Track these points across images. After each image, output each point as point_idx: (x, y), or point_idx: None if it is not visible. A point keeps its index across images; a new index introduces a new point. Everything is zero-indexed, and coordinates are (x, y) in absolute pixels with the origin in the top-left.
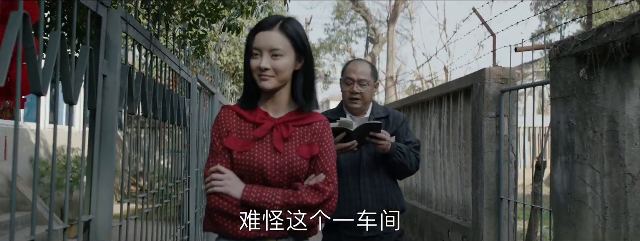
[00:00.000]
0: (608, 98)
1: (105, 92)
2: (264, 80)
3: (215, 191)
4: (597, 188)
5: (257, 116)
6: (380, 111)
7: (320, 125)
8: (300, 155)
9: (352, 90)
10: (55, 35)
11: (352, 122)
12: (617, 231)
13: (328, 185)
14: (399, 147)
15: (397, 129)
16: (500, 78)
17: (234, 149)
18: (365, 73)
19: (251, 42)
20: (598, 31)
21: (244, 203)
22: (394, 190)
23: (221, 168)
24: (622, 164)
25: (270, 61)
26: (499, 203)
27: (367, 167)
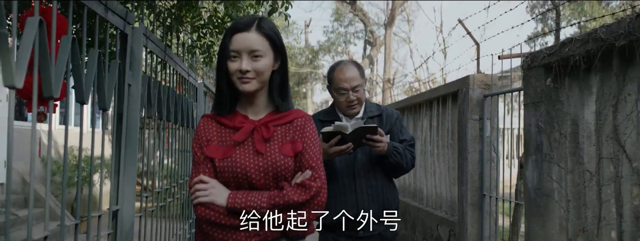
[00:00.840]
0: (571, 104)
1: (130, 99)
2: (244, 82)
3: (200, 201)
4: (561, 184)
5: (236, 120)
6: (373, 109)
7: (301, 120)
8: (283, 154)
9: (348, 99)
10: (93, 53)
11: (347, 126)
12: (578, 221)
13: (314, 181)
14: (394, 147)
15: (391, 127)
16: (483, 84)
17: (215, 157)
18: (355, 79)
19: (227, 44)
20: (561, 45)
21: (230, 210)
22: (390, 190)
23: (204, 178)
24: (582, 162)
25: (250, 62)
26: (481, 199)
27: (362, 168)
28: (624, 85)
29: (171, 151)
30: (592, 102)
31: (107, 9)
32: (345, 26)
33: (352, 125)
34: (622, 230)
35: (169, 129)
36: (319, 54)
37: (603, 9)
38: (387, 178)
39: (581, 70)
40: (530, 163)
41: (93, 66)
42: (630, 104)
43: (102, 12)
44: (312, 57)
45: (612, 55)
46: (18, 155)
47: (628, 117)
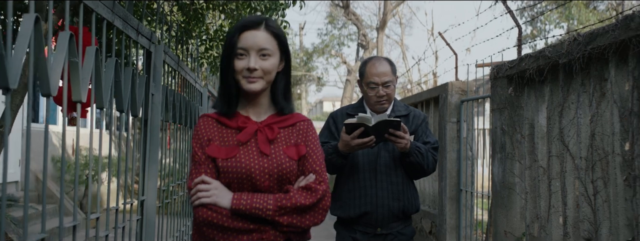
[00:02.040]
0: (528, 110)
1: (153, 106)
2: (251, 82)
3: (203, 202)
4: (521, 178)
5: (239, 120)
6: (401, 108)
7: (304, 124)
8: (288, 157)
9: (378, 94)
10: (128, 70)
11: (371, 118)
12: (534, 210)
13: (319, 184)
14: (417, 146)
15: (417, 128)
16: (461, 90)
17: (218, 157)
18: (387, 74)
19: (235, 41)
20: (520, 60)
21: (235, 211)
22: (410, 189)
23: (206, 178)
24: (537, 159)
25: (258, 61)
26: (459, 194)
27: (384, 164)
28: (567, 95)
29: (180, 152)
30: (544, 109)
31: (138, 33)
32: (338, 29)
33: (376, 117)
34: (566, 216)
35: (174, 130)
36: (313, 56)
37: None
38: (407, 178)
39: (536, 82)
40: (496, 161)
41: (128, 81)
42: (573, 111)
43: (134, 36)
44: (307, 59)
45: (558, 70)
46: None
47: (571, 121)
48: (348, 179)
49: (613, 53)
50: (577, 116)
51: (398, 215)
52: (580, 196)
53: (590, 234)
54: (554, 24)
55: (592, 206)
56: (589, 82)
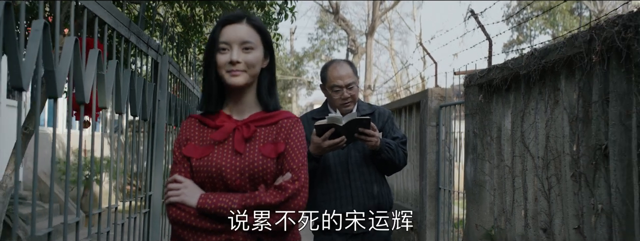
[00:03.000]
0: (497, 115)
1: (159, 111)
2: (234, 75)
3: (171, 201)
4: (491, 176)
5: (218, 119)
6: (365, 108)
7: (288, 121)
8: (263, 155)
9: (342, 97)
10: (139, 80)
11: (341, 118)
12: (501, 205)
13: (292, 183)
14: (387, 143)
15: (383, 125)
16: (440, 96)
17: (192, 156)
18: (349, 76)
19: (217, 36)
20: (488, 71)
21: (201, 210)
22: (384, 186)
23: (178, 177)
24: (503, 159)
25: (241, 54)
26: (437, 192)
27: (355, 163)
28: (528, 102)
29: None
30: (509, 114)
31: (148, 47)
32: (329, 33)
33: (346, 117)
34: (527, 209)
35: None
36: (303, 60)
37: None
38: (380, 175)
39: (502, 90)
40: (468, 161)
41: (140, 89)
42: (532, 116)
43: (145, 49)
44: (297, 63)
45: (520, 80)
46: (28, 156)
47: (531, 125)
48: (321, 181)
49: (562, 67)
50: (536, 121)
51: (374, 212)
52: (538, 192)
53: (546, 224)
54: (539, 30)
55: (548, 200)
56: (544, 91)
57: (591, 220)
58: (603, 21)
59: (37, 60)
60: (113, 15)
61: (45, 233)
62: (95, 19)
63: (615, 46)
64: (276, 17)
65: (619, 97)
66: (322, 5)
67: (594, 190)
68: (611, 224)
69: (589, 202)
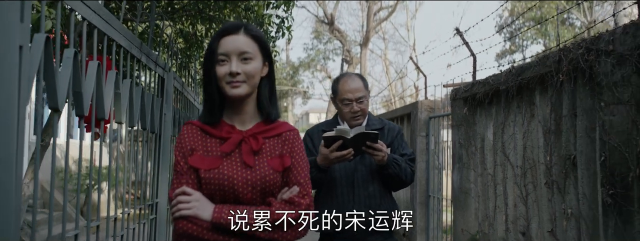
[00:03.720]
0: (480, 127)
1: (165, 123)
2: (234, 87)
3: (182, 214)
4: (475, 184)
5: (223, 130)
6: (375, 122)
7: (290, 134)
8: (272, 168)
9: (352, 110)
10: (148, 95)
11: (349, 130)
12: (484, 210)
13: (303, 198)
14: (394, 158)
15: (392, 140)
16: (429, 108)
17: (200, 167)
18: (359, 90)
19: (216, 47)
20: (471, 85)
21: (215, 224)
22: (389, 202)
23: (187, 189)
24: (486, 168)
25: (240, 65)
26: (427, 199)
27: (361, 178)
28: (508, 115)
29: None
30: (491, 126)
31: (156, 65)
32: (324, 43)
33: (353, 130)
34: (507, 214)
35: None
36: (299, 70)
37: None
38: (386, 190)
39: (485, 103)
40: (455, 170)
41: (149, 104)
42: (511, 128)
43: (153, 67)
44: (293, 73)
45: (500, 95)
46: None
47: (510, 136)
48: (326, 194)
49: (536, 83)
50: (514, 132)
51: (377, 227)
52: (517, 198)
53: (524, 228)
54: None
55: (526, 206)
56: (522, 105)
57: (563, 223)
58: (570, 44)
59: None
60: (127, 39)
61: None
62: (114, 43)
63: (580, 66)
64: (274, 35)
65: (585, 112)
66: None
67: (565, 196)
68: (580, 227)
69: (561, 207)
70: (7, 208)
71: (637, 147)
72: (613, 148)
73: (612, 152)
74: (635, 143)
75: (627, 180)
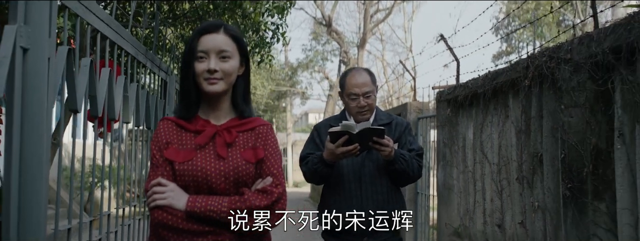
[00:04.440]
0: (462, 127)
1: None
2: (212, 83)
3: (157, 204)
4: (458, 180)
5: (198, 124)
6: (383, 117)
7: (263, 128)
8: (245, 160)
9: (359, 105)
10: (152, 97)
11: (354, 125)
12: (465, 205)
13: (276, 187)
14: (401, 154)
15: (400, 135)
16: (418, 109)
17: (175, 160)
18: (367, 84)
19: (195, 44)
20: (454, 88)
21: (189, 213)
22: (397, 197)
23: (162, 181)
24: (467, 165)
25: (218, 63)
26: (416, 196)
27: (368, 174)
28: (485, 116)
29: None
30: (471, 126)
31: (159, 69)
32: (322, 44)
33: (359, 125)
34: (485, 208)
35: None
36: (297, 70)
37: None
38: (393, 186)
39: (466, 105)
40: (439, 167)
41: (153, 105)
42: (489, 128)
43: (157, 71)
44: (291, 73)
45: (479, 97)
46: None
47: (488, 136)
48: (334, 190)
49: (509, 87)
50: (491, 132)
51: (385, 224)
52: (493, 193)
53: (500, 220)
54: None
55: (501, 200)
56: (498, 107)
57: (531, 215)
58: (536, 52)
59: None
60: (134, 47)
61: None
62: (122, 51)
63: (544, 73)
64: (269, 41)
65: (550, 114)
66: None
67: (533, 191)
68: (545, 218)
69: (530, 201)
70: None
71: (591, 145)
72: (571, 146)
73: (570, 150)
74: (589, 142)
75: (582, 175)
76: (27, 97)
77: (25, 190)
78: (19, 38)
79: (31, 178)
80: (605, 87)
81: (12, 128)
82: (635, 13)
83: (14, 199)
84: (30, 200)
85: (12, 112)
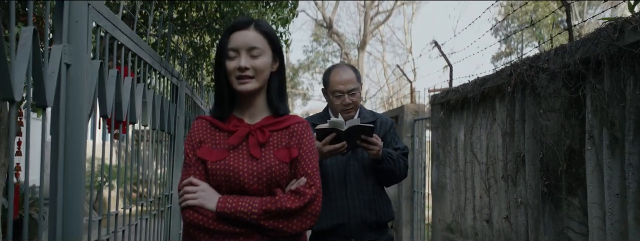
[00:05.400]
0: (454, 129)
1: (178, 125)
2: (243, 83)
3: (188, 204)
4: (450, 179)
5: (231, 124)
6: (367, 115)
7: (299, 126)
8: (278, 159)
9: (343, 102)
10: (166, 101)
11: (343, 122)
12: (457, 202)
13: (309, 188)
14: (388, 153)
15: (385, 134)
16: (414, 112)
17: (208, 159)
18: (351, 81)
19: (226, 42)
20: (446, 93)
21: (220, 214)
22: (382, 197)
23: (194, 180)
24: (459, 165)
25: (249, 60)
26: (412, 194)
27: (353, 173)
28: (475, 119)
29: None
30: (463, 128)
31: (172, 75)
32: (323, 46)
33: (348, 123)
34: (475, 205)
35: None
36: (299, 72)
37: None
38: (379, 186)
39: (458, 108)
40: (433, 167)
41: (166, 109)
42: (478, 130)
43: (169, 77)
44: (293, 74)
45: (469, 101)
46: None
47: (477, 137)
48: None
49: (496, 92)
50: (480, 134)
51: (371, 224)
52: (482, 190)
53: (488, 216)
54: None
55: (488, 197)
56: (486, 110)
57: (515, 211)
58: (518, 61)
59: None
60: (151, 56)
61: None
62: (142, 61)
63: (524, 80)
64: None
65: (531, 117)
66: (317, 20)
67: (517, 188)
68: (527, 213)
69: (513, 197)
70: (78, 191)
71: (565, 146)
72: (548, 147)
73: (548, 150)
74: (564, 143)
75: (557, 173)
76: (70, 105)
77: (68, 181)
78: (64, 55)
79: (72, 171)
80: (577, 94)
81: (58, 132)
82: (601, 29)
83: (60, 192)
84: (72, 191)
85: (58, 119)
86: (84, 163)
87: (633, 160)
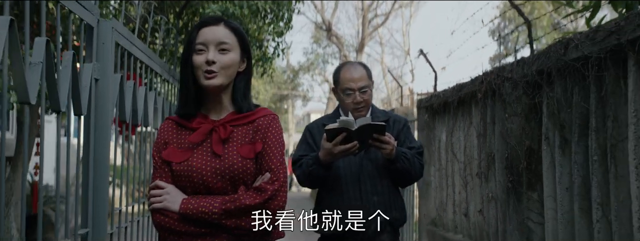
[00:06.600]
0: (438, 131)
1: None
2: (209, 78)
3: (154, 207)
4: (434, 177)
5: (195, 121)
6: (379, 114)
7: (264, 120)
8: (241, 156)
9: (355, 101)
10: (168, 103)
11: (353, 121)
12: (440, 199)
13: (272, 184)
14: (403, 152)
15: (399, 133)
16: (404, 114)
17: (172, 160)
18: (363, 79)
19: (194, 37)
20: (431, 97)
21: (183, 215)
22: (397, 198)
23: (160, 183)
24: (441, 164)
25: (217, 55)
26: (403, 192)
27: (368, 174)
28: (455, 122)
29: None
30: (445, 130)
31: (174, 79)
32: (323, 48)
33: (359, 121)
34: (454, 200)
35: None
36: (299, 73)
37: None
38: (393, 186)
39: (441, 112)
40: None
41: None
42: (457, 132)
43: (172, 81)
44: (293, 76)
45: (450, 105)
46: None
47: (457, 139)
48: (330, 193)
49: (471, 98)
50: (459, 135)
51: (386, 228)
52: (461, 187)
53: (466, 210)
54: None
55: (466, 192)
56: (464, 114)
57: (487, 205)
58: (489, 70)
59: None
60: (159, 65)
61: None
62: (148, 68)
63: (493, 88)
64: (271, 55)
65: (500, 121)
66: (316, 23)
67: (488, 184)
68: (497, 206)
69: (486, 192)
70: (105, 183)
71: (525, 146)
72: (512, 147)
73: (512, 150)
74: (524, 143)
75: (519, 170)
76: (98, 114)
77: (97, 175)
78: (94, 72)
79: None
80: (535, 101)
81: (89, 135)
82: (551, 45)
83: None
84: (100, 183)
85: (89, 125)
86: (108, 161)
87: (578, 158)
